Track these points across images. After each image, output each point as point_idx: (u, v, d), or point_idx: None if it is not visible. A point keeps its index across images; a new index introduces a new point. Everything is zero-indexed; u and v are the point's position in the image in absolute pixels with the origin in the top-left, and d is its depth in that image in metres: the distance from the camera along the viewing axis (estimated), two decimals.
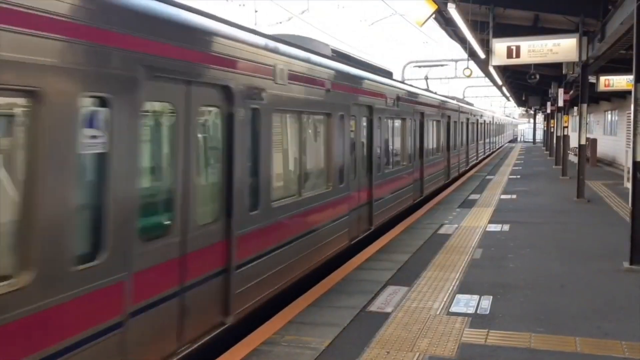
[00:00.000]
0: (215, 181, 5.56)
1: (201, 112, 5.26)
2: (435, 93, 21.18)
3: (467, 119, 26.09)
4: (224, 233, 5.55)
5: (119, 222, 4.12)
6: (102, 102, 3.99)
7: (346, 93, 9.24)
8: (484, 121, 36.20)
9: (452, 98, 24.38)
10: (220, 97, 5.50)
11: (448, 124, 20.27)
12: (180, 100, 4.91)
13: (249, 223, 5.96)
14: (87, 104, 3.86)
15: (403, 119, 13.35)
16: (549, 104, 32.79)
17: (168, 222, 4.81)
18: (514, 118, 73.63)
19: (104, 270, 3.98)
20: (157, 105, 4.77)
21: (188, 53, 4.92)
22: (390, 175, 12.08)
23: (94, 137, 3.93)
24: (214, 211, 5.49)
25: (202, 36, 5.23)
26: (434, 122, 17.51)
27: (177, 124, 4.89)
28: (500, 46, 13.61)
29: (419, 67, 14.79)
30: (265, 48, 6.42)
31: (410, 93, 14.55)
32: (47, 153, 3.52)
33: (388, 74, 13.55)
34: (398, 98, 12.84)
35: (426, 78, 13.43)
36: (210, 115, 5.52)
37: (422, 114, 15.55)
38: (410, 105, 14.15)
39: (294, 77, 7.13)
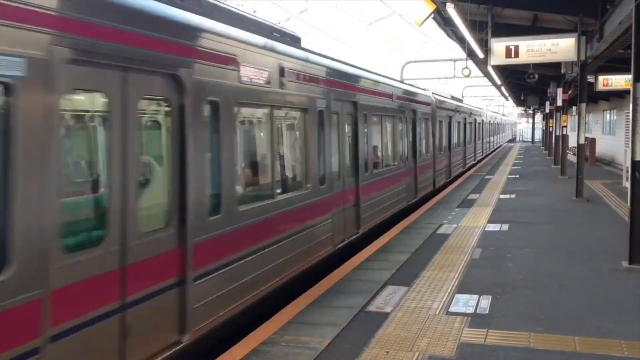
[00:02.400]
0: (350, 155, 9.98)
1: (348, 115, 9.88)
2: (460, 100, 27.48)
3: (475, 120, 30.56)
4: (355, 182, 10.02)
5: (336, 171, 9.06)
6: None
7: (405, 102, 13.85)
8: (489, 121, 41.20)
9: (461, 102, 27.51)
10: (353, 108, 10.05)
11: (465, 124, 23.70)
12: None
13: (367, 179, 10.51)
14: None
15: (441, 121, 17.89)
16: (547, 103, 32.78)
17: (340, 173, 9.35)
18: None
19: (326, 189, 8.42)
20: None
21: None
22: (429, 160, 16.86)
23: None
24: (353, 169, 10.00)
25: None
26: (457, 123, 22.11)
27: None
28: (498, 46, 13.60)
29: None
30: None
31: (440, 101, 18.97)
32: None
33: (423, 89, 17.93)
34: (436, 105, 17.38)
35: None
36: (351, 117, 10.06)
37: (450, 117, 19.92)
38: (443, 111, 18.84)
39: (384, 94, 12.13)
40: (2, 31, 3.38)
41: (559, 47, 13.35)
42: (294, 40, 8.27)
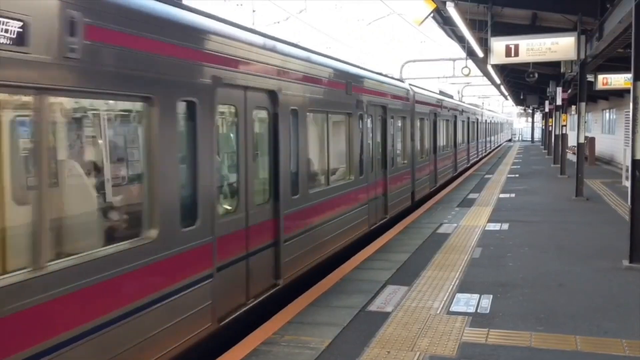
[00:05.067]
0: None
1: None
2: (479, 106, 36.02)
3: (486, 120, 35.77)
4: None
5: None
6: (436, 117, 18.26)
7: (450, 110, 20.88)
8: (493, 121, 45.58)
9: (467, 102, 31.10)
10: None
11: (467, 124, 27.56)
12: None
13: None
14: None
15: (463, 121, 24.13)
16: (547, 102, 32.76)
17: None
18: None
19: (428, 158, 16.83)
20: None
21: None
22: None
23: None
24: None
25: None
26: (471, 123, 28.03)
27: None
28: (498, 45, 13.59)
29: None
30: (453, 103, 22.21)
31: (460, 105, 25.79)
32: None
33: (450, 96, 24.15)
34: (462, 111, 24.19)
35: None
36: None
37: (468, 118, 26.06)
38: (464, 112, 25.46)
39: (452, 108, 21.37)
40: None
41: (558, 46, 13.35)
42: (401, 81, 14.82)
